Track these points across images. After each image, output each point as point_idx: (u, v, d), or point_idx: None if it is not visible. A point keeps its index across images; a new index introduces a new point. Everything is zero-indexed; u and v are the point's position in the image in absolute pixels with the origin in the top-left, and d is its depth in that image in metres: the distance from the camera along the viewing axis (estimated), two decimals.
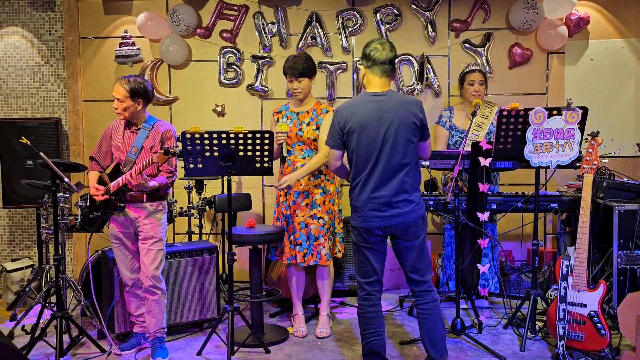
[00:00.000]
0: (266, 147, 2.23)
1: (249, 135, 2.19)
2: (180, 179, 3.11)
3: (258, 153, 2.24)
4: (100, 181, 2.35)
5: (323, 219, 2.50)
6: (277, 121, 2.58)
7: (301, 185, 2.50)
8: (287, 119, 2.56)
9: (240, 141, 2.20)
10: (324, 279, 2.60)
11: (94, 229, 2.38)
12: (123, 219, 2.32)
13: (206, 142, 2.19)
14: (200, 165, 2.24)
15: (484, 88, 2.91)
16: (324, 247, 2.50)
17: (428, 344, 1.99)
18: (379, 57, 1.96)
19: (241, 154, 2.22)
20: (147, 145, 2.31)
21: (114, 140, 2.37)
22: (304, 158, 2.50)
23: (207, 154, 2.21)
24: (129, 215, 2.31)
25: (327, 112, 2.52)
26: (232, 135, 2.17)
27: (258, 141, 2.22)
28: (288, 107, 2.58)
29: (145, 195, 2.31)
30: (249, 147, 2.22)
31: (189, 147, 2.18)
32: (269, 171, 2.29)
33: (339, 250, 2.62)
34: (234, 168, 2.24)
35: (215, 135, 2.18)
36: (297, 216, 2.52)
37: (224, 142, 2.19)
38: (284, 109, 2.59)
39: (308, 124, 2.51)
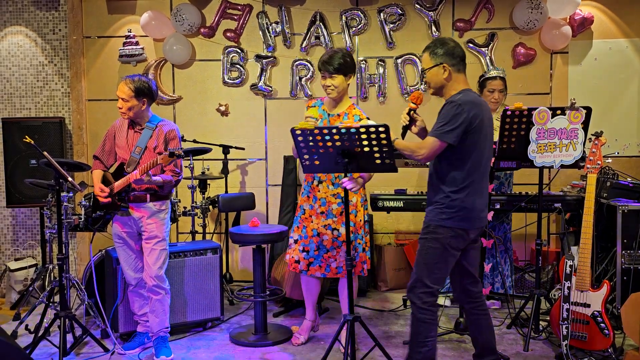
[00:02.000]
0: (384, 142, 1.96)
1: (362, 130, 1.94)
2: (184, 178, 3.12)
3: (376, 149, 1.98)
4: (105, 180, 2.35)
5: (338, 230, 2.31)
6: (307, 109, 2.36)
7: (319, 191, 2.33)
8: (319, 117, 2.35)
9: (355, 136, 1.96)
10: (351, 288, 2.36)
11: (96, 228, 2.38)
12: (126, 218, 2.33)
13: (318, 137, 1.99)
14: (317, 162, 2.05)
15: (503, 95, 2.83)
16: (335, 261, 2.33)
17: (489, 338, 2.02)
18: (462, 54, 1.93)
19: (358, 149, 1.98)
20: (151, 145, 2.31)
21: (117, 139, 2.37)
22: None
23: (322, 150, 2.01)
24: (132, 215, 2.31)
25: (359, 119, 2.29)
26: (343, 131, 1.95)
27: (374, 136, 1.95)
28: (321, 105, 2.38)
29: (148, 195, 2.30)
30: (365, 142, 1.97)
31: (302, 145, 2.02)
32: (391, 168, 2.03)
33: (364, 268, 2.36)
34: (352, 165, 2.02)
35: (325, 131, 1.97)
36: (311, 222, 2.35)
37: (336, 137, 1.97)
38: (317, 104, 2.39)
39: None
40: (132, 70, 3.53)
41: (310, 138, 1.99)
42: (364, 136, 1.95)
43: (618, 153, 3.25)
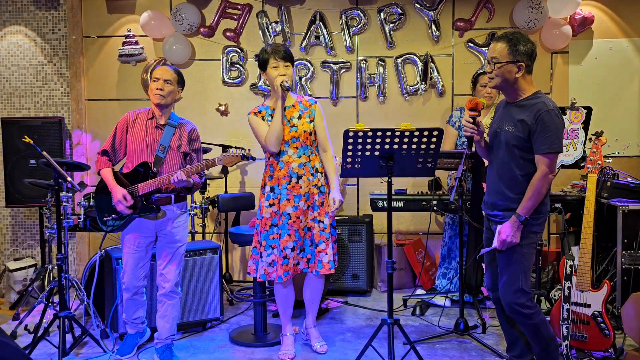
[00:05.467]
0: (432, 147, 2.00)
1: (416, 133, 1.96)
2: None
3: (422, 152, 2.02)
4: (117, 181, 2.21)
5: (323, 222, 2.26)
6: (264, 119, 2.27)
7: (301, 187, 2.24)
8: (271, 117, 2.25)
9: (405, 139, 1.99)
10: (316, 290, 2.34)
11: (115, 230, 2.25)
12: (148, 223, 2.20)
13: (369, 140, 1.99)
14: (357, 166, 2.05)
15: (496, 91, 2.85)
16: (326, 255, 2.24)
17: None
18: (536, 56, 1.86)
19: (404, 153, 2.01)
20: (174, 144, 2.22)
21: (131, 134, 2.22)
22: (300, 157, 2.23)
23: (368, 153, 2.02)
24: (161, 218, 2.19)
25: (315, 102, 2.30)
26: (397, 133, 1.96)
27: (425, 139, 1.98)
28: (268, 107, 2.29)
29: (172, 197, 2.21)
30: (414, 146, 2.00)
31: (350, 147, 2.01)
32: (430, 172, 2.08)
33: (334, 262, 2.28)
34: (394, 168, 2.05)
35: (379, 134, 1.98)
36: (301, 222, 2.24)
37: (387, 140, 1.99)
38: (263, 109, 2.29)
39: (300, 117, 2.26)
40: (132, 69, 3.53)
41: (360, 140, 1.98)
42: (415, 139, 1.95)
43: (618, 153, 3.24)
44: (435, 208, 2.75)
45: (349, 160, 2.03)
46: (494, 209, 1.95)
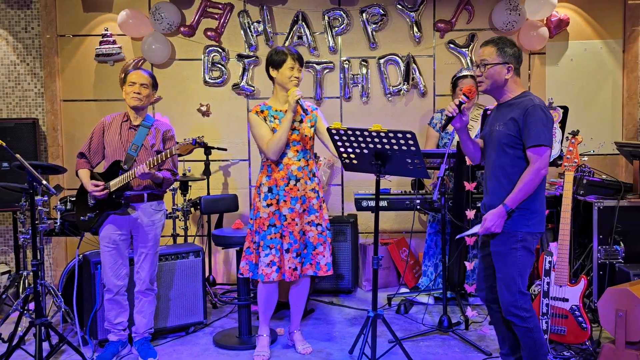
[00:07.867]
0: (412, 148, 1.97)
1: (391, 135, 1.95)
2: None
3: (406, 153, 2.00)
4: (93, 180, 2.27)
5: (321, 225, 2.30)
6: (265, 120, 2.26)
7: (299, 190, 2.26)
8: (274, 118, 2.27)
9: (384, 140, 1.97)
10: (302, 292, 2.36)
11: (89, 231, 2.27)
12: (122, 220, 2.26)
13: (352, 138, 2.01)
14: (355, 162, 2.09)
15: (475, 94, 2.90)
16: (324, 257, 2.28)
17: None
18: (522, 61, 1.92)
19: (389, 153, 2.00)
20: (147, 144, 2.29)
21: (107, 136, 2.30)
22: (299, 160, 2.26)
23: (358, 150, 2.03)
24: (131, 215, 2.25)
25: (316, 109, 2.35)
26: (374, 134, 1.96)
27: (402, 141, 1.96)
28: (270, 107, 2.29)
29: (145, 195, 2.28)
30: (395, 147, 1.98)
31: (339, 144, 2.05)
32: (424, 173, 2.04)
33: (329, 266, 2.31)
34: (387, 167, 2.04)
35: (358, 133, 1.98)
36: (296, 224, 2.25)
37: (368, 139, 1.99)
38: (265, 108, 2.28)
39: (301, 122, 2.29)
40: (110, 69, 3.44)
41: (345, 138, 2.02)
42: (393, 140, 1.96)
43: (594, 151, 3.33)
44: (418, 207, 2.77)
45: (345, 155, 2.09)
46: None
